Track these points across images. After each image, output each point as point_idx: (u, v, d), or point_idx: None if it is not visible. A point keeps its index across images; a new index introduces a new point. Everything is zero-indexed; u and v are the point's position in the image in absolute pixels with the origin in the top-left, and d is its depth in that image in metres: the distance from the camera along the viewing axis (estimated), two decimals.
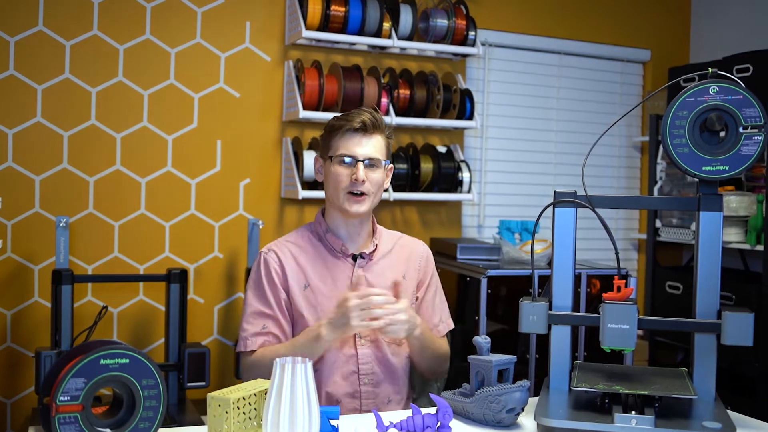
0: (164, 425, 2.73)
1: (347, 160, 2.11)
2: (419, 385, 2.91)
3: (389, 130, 2.20)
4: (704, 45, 4.30)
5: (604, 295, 1.78)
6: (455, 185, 3.57)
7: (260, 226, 3.18)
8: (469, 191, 3.58)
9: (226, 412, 1.56)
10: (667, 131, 1.76)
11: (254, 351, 2.13)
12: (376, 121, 2.14)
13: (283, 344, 2.11)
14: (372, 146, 2.12)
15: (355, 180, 2.09)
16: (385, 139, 2.17)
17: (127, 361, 1.51)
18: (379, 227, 2.29)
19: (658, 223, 3.97)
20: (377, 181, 2.14)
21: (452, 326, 2.35)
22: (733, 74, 3.52)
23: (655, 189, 3.95)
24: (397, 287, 2.12)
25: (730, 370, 3.47)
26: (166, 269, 3.04)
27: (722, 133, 1.75)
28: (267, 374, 2.06)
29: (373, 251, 2.21)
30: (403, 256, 2.27)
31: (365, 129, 2.11)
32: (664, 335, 3.89)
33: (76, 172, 3.15)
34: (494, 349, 2.13)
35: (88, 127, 3.16)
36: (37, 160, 3.10)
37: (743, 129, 1.73)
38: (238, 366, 3.01)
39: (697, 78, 1.80)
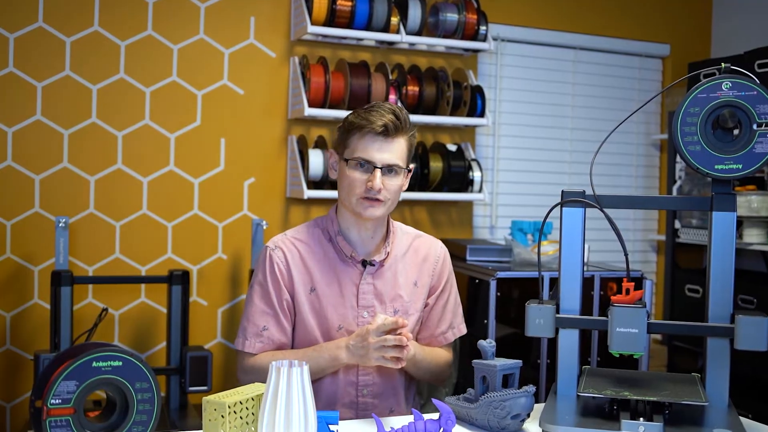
0: (166, 430, 2.69)
1: (364, 165, 1.99)
2: (427, 390, 2.84)
3: (413, 129, 2.07)
4: (726, 39, 4.19)
5: (612, 297, 1.76)
6: (466, 185, 3.49)
7: (264, 227, 3.12)
8: (480, 191, 3.50)
9: (222, 417, 1.53)
10: (678, 129, 1.72)
11: (254, 354, 2.07)
12: (400, 123, 1.99)
13: (294, 353, 2.04)
14: (392, 151, 1.99)
15: (371, 188, 1.97)
16: (408, 141, 2.04)
17: (120, 363, 1.49)
18: (396, 225, 2.19)
19: (677, 224, 3.87)
20: (395, 188, 2.02)
21: (464, 332, 2.27)
22: (754, 69, 3.43)
23: (674, 188, 3.87)
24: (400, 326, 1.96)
25: (751, 377, 3.36)
26: (168, 271, 2.98)
27: (735, 131, 1.71)
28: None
29: (384, 258, 2.11)
30: (417, 261, 2.17)
31: (387, 133, 1.98)
32: (683, 340, 3.79)
33: (76, 171, 3.10)
34: (505, 353, 2.09)
35: (89, 125, 3.12)
36: (37, 159, 3.05)
37: (757, 126, 1.68)
38: None
39: (717, 73, 1.74)
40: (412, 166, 2.11)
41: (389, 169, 2.00)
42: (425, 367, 2.13)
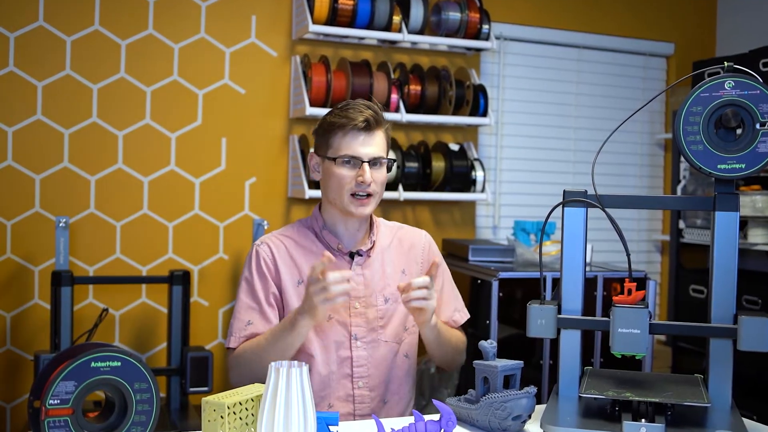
0: (166, 431, 2.68)
1: (351, 161, 2.02)
2: (429, 391, 2.83)
3: (388, 123, 2.12)
4: (731, 38, 4.16)
5: (614, 298, 1.75)
6: (468, 184, 3.47)
7: (265, 227, 3.10)
8: (483, 191, 3.48)
9: (222, 417, 1.52)
10: (680, 128, 1.71)
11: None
12: (378, 116, 2.05)
13: (263, 335, 2.04)
14: (376, 145, 2.04)
15: (362, 182, 2.00)
16: (385, 133, 2.09)
17: (119, 364, 1.48)
18: (378, 220, 2.22)
19: (681, 224, 3.85)
20: (382, 180, 2.06)
21: (468, 315, 2.28)
22: (759, 68, 3.40)
23: (679, 188, 3.84)
24: (432, 268, 1.98)
25: (756, 377, 3.33)
26: (168, 271, 2.97)
27: (738, 130, 1.70)
28: (249, 370, 2.01)
29: (371, 248, 2.13)
30: (403, 250, 2.19)
31: (369, 127, 2.03)
32: (687, 341, 3.77)
33: (77, 171, 3.09)
34: (508, 354, 2.07)
35: (90, 124, 3.10)
36: (37, 158, 3.04)
37: (760, 125, 1.67)
38: None
39: (721, 72, 1.72)
40: (392, 156, 2.12)
41: (375, 162, 2.03)
42: (447, 339, 2.13)
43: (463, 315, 2.26)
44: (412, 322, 2.16)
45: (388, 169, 2.09)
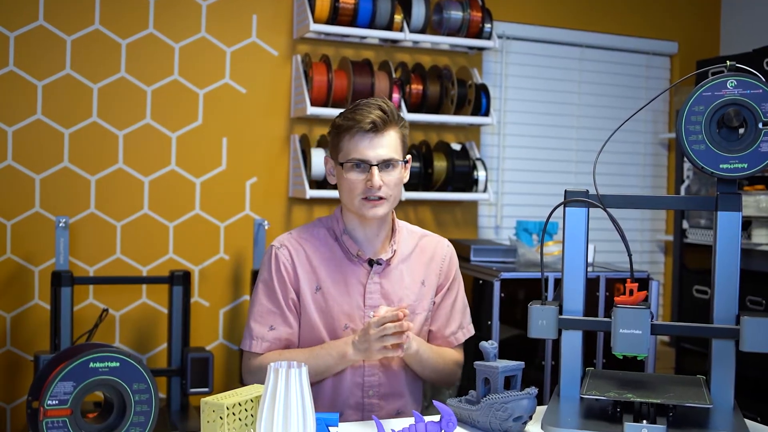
0: (167, 431, 2.67)
1: (360, 165, 1.96)
2: (430, 392, 2.81)
3: (403, 120, 2.03)
4: (734, 37, 4.14)
5: (616, 299, 1.74)
6: (471, 184, 3.46)
7: (266, 227, 3.09)
8: (485, 191, 3.47)
9: (221, 418, 1.52)
10: (682, 127, 1.70)
11: (261, 354, 2.04)
12: (388, 116, 1.97)
13: (302, 351, 2.02)
14: (386, 146, 1.96)
15: (371, 186, 1.95)
16: (400, 132, 2.01)
17: (118, 364, 1.48)
18: (400, 224, 2.15)
19: (685, 224, 3.83)
20: (394, 181, 1.99)
21: (472, 332, 2.24)
22: (762, 67, 3.38)
23: (682, 188, 3.83)
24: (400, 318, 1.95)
25: (760, 378, 3.31)
26: (169, 271, 2.95)
27: (741, 130, 1.70)
28: None
29: (391, 257, 2.08)
30: (424, 260, 2.14)
31: (376, 129, 1.95)
32: (691, 342, 3.75)
33: (77, 170, 3.08)
34: (510, 355, 2.06)
35: (90, 124, 3.10)
36: (38, 158, 3.04)
37: (763, 125, 1.66)
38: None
39: (724, 71, 1.71)
40: (409, 157, 2.07)
41: (386, 164, 1.97)
42: (431, 365, 2.09)
43: (466, 332, 2.21)
44: (424, 333, 2.14)
45: (406, 169, 2.04)
